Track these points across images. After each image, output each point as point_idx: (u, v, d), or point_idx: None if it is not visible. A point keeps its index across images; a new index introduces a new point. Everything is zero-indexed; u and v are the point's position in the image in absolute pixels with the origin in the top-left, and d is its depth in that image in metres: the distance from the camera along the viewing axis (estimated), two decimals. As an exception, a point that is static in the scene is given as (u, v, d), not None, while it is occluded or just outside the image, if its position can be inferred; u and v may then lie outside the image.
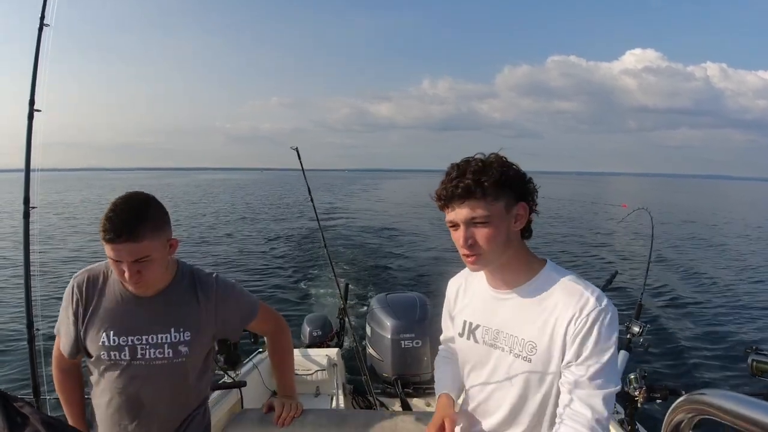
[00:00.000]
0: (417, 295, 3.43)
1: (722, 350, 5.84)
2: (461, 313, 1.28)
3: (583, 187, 71.16)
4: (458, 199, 1.07)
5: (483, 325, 1.21)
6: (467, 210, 1.07)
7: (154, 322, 1.36)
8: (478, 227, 1.08)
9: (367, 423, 1.53)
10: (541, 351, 1.08)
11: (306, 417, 1.56)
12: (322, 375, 2.93)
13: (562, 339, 1.05)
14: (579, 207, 30.60)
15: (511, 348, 1.13)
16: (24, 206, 0.97)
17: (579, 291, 1.07)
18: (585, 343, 1.02)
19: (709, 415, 0.74)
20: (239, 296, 1.51)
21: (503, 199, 1.08)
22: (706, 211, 32.38)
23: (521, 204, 1.11)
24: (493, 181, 1.06)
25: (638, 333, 2.30)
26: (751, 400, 0.68)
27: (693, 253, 13.07)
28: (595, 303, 1.03)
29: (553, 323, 1.06)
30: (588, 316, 1.02)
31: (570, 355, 1.04)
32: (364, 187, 58.09)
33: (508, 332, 1.14)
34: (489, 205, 1.06)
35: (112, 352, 1.34)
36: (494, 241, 1.08)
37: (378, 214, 22.70)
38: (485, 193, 1.06)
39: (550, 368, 1.08)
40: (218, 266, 10.72)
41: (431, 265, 10.24)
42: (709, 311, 7.49)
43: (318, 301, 7.71)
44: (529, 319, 1.11)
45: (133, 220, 1.21)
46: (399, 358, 2.99)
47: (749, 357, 1.92)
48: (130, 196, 1.26)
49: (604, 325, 1.02)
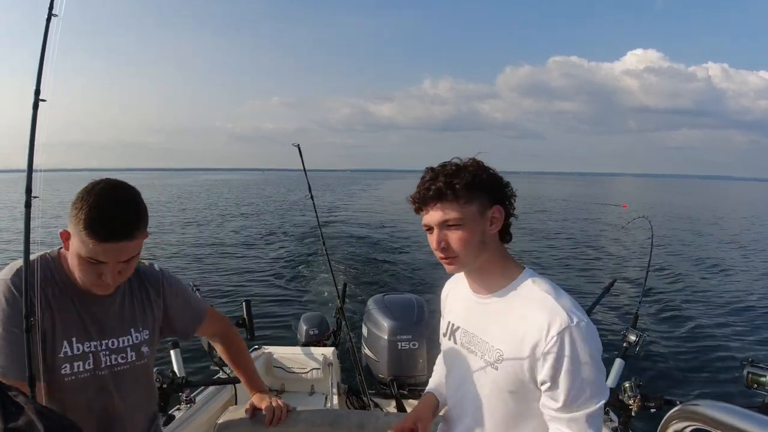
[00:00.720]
0: (414, 297, 3.43)
1: (718, 361, 5.83)
2: (448, 314, 1.30)
3: (584, 188, 71.23)
4: (431, 201, 1.08)
5: (462, 328, 1.21)
6: (440, 213, 1.07)
7: (116, 323, 1.24)
8: (452, 230, 1.07)
9: (361, 423, 1.53)
10: (507, 360, 1.05)
11: (300, 416, 1.55)
12: (317, 374, 2.93)
13: (530, 352, 1.01)
14: (579, 208, 30.60)
15: (483, 354, 1.12)
16: (26, 195, 0.97)
17: (551, 304, 1.02)
18: (559, 362, 0.97)
19: (703, 425, 0.74)
20: (186, 292, 1.43)
21: (476, 202, 1.07)
22: (707, 213, 32.31)
23: (496, 207, 1.10)
24: (464, 183, 1.05)
25: (634, 342, 2.30)
26: (745, 412, 0.68)
27: (692, 260, 13.03)
28: (566, 319, 0.98)
29: (522, 335, 1.03)
30: (560, 335, 0.97)
31: (544, 375, 1.00)
32: (364, 187, 58.13)
33: (481, 337, 1.14)
34: (461, 207, 1.06)
35: (75, 362, 1.17)
36: (468, 244, 1.07)
37: (377, 215, 22.70)
38: (457, 196, 1.05)
39: (516, 378, 1.05)
40: (212, 265, 10.73)
41: (429, 266, 10.20)
42: (707, 322, 7.48)
43: (315, 300, 7.71)
44: (500, 327, 1.09)
45: (132, 216, 1.08)
46: (395, 360, 2.99)
47: (745, 369, 1.92)
48: (115, 187, 1.10)
49: (576, 341, 0.97)
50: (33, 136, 0.98)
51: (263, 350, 2.99)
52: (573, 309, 1.01)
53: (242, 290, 8.33)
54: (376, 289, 7.90)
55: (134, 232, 1.08)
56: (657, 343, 6.16)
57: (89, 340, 1.19)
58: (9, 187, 45.50)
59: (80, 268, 1.11)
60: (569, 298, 1.05)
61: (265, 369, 2.95)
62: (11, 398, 0.54)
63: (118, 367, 1.24)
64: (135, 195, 1.12)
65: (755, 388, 1.90)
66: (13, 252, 10.67)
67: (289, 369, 2.94)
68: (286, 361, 2.95)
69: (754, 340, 6.78)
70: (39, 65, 0.99)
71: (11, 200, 27.20)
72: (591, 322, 1.01)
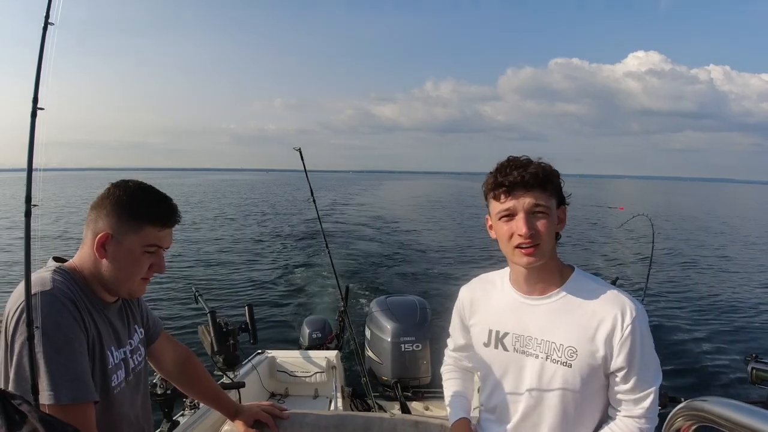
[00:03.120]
0: (417, 299, 3.42)
1: (722, 358, 5.81)
2: (484, 322, 1.25)
3: (587, 190, 71.16)
4: (522, 187, 1.08)
5: (512, 333, 1.19)
6: (531, 198, 1.08)
7: (125, 325, 1.24)
8: (539, 217, 1.09)
9: (366, 426, 1.52)
10: (582, 356, 1.09)
11: (305, 419, 1.55)
12: (321, 377, 2.92)
13: (605, 344, 1.07)
14: (579, 211, 30.56)
15: (548, 354, 1.12)
16: (26, 204, 0.96)
17: (618, 298, 1.09)
18: (634, 347, 1.06)
19: (708, 422, 0.74)
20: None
21: (555, 198, 1.12)
22: (710, 215, 32.28)
23: (563, 207, 1.15)
24: (556, 178, 1.12)
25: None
26: (750, 407, 0.68)
27: (695, 258, 13.01)
28: (635, 308, 1.07)
29: (595, 328, 1.08)
30: (633, 323, 1.06)
31: (620, 361, 1.07)
32: (367, 188, 58.08)
33: (543, 338, 1.13)
34: (548, 198, 1.09)
35: (117, 371, 1.15)
36: (550, 234, 1.10)
37: (380, 217, 22.69)
38: (552, 187, 1.10)
39: (590, 372, 1.09)
40: (214, 269, 10.72)
41: (432, 268, 10.23)
42: (710, 318, 7.46)
43: (318, 303, 7.70)
44: (567, 325, 1.11)
45: (173, 202, 1.16)
46: (398, 362, 2.98)
47: (749, 365, 1.92)
48: (140, 182, 1.15)
49: (644, 327, 1.07)
50: (32, 144, 0.98)
51: (266, 354, 2.98)
52: (635, 300, 1.10)
53: (244, 294, 8.33)
54: (379, 291, 7.89)
55: (180, 216, 1.16)
56: (660, 341, 6.13)
57: (121, 347, 1.19)
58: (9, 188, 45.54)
59: (134, 266, 1.11)
60: (626, 292, 1.13)
61: (269, 373, 2.95)
62: (15, 407, 0.54)
63: (137, 368, 1.25)
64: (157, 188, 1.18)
65: (760, 384, 1.89)
66: (13, 251, 10.69)
67: (292, 373, 2.94)
68: (289, 365, 2.95)
69: (758, 336, 6.76)
70: (36, 74, 0.99)
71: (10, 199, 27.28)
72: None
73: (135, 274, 1.13)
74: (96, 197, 1.14)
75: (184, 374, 1.49)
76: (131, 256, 1.10)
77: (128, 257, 1.10)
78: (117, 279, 1.12)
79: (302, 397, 2.95)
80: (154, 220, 1.10)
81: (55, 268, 1.10)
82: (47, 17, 1.00)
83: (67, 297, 1.03)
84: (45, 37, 1.00)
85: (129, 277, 1.13)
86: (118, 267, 1.11)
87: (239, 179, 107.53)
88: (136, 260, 1.11)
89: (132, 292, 1.17)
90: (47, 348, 0.95)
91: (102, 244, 1.09)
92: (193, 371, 1.50)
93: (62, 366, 0.96)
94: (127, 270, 1.12)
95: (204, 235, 15.80)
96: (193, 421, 2.05)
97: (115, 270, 1.11)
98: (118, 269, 1.11)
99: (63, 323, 1.00)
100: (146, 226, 1.09)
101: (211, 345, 2.24)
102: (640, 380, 1.07)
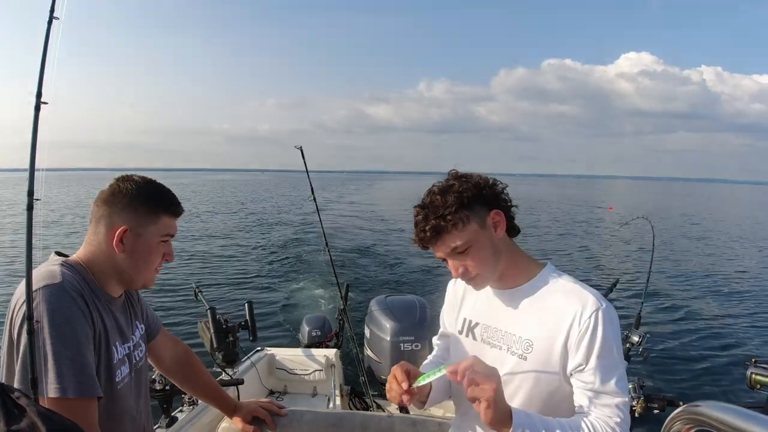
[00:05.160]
0: (416, 298, 3.43)
1: (721, 362, 5.81)
2: (463, 311, 1.29)
3: (580, 190, 70.98)
4: (431, 241, 1.10)
5: (482, 323, 1.21)
6: (444, 246, 1.10)
7: (128, 320, 1.23)
8: (462, 255, 1.10)
9: (363, 424, 1.53)
10: (537, 349, 1.08)
11: (303, 417, 1.55)
12: (320, 375, 2.93)
13: (564, 339, 1.05)
14: (575, 211, 30.54)
15: (509, 346, 1.13)
16: (28, 198, 0.96)
17: (578, 291, 1.08)
18: (593, 341, 1.02)
19: (706, 426, 0.74)
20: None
21: (473, 218, 1.09)
22: (705, 215, 32.24)
23: (494, 211, 1.12)
24: (454, 209, 1.06)
25: (637, 343, 2.30)
26: (748, 412, 0.68)
27: (693, 261, 12.99)
28: (596, 303, 1.05)
29: (554, 322, 1.07)
30: (591, 318, 1.03)
31: (579, 356, 1.04)
32: (363, 188, 58.09)
33: (506, 330, 1.15)
34: (462, 231, 1.08)
35: (122, 366, 1.15)
36: (484, 261, 1.10)
37: (378, 217, 22.69)
38: (453, 224, 1.07)
39: (546, 368, 1.07)
40: (213, 267, 10.73)
41: (431, 267, 10.22)
42: (710, 322, 7.45)
43: (317, 301, 7.71)
44: (528, 318, 1.12)
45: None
46: (397, 361, 2.96)
47: (748, 369, 1.92)
48: (144, 177, 1.18)
49: (606, 322, 1.03)
50: (35, 139, 0.99)
51: (266, 352, 2.99)
52: (599, 296, 1.08)
53: (244, 292, 8.33)
54: (379, 290, 7.89)
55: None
56: (660, 345, 6.13)
57: (125, 342, 1.19)
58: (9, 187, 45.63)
59: (152, 256, 1.15)
60: (592, 288, 1.11)
61: (268, 370, 2.95)
62: (13, 400, 0.54)
63: (139, 363, 1.25)
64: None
65: (758, 389, 1.89)
66: (14, 250, 10.71)
67: (291, 370, 2.94)
68: (288, 363, 2.95)
69: (758, 341, 6.75)
70: (40, 68, 0.99)
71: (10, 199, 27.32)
72: (614, 309, 1.08)
73: (152, 263, 1.16)
74: (100, 193, 1.15)
75: (183, 371, 1.50)
76: (149, 247, 1.14)
77: (147, 248, 1.14)
78: (136, 270, 1.15)
79: (301, 394, 2.96)
80: (168, 209, 1.15)
81: (62, 262, 1.09)
82: (52, 12, 1.00)
83: (76, 290, 1.03)
84: (50, 32, 1.00)
85: (147, 266, 1.16)
86: (137, 258, 1.13)
87: (235, 179, 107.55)
88: (153, 250, 1.15)
89: (147, 282, 1.19)
90: (56, 341, 0.95)
91: (121, 238, 1.11)
92: (192, 368, 1.51)
93: (70, 360, 0.96)
94: (146, 260, 1.15)
95: (204, 233, 15.81)
96: (191, 417, 2.05)
97: (135, 261, 1.13)
98: (137, 260, 1.13)
99: (72, 317, 1.00)
100: (163, 216, 1.14)
101: (211, 342, 2.25)
102: (601, 381, 1.02)
